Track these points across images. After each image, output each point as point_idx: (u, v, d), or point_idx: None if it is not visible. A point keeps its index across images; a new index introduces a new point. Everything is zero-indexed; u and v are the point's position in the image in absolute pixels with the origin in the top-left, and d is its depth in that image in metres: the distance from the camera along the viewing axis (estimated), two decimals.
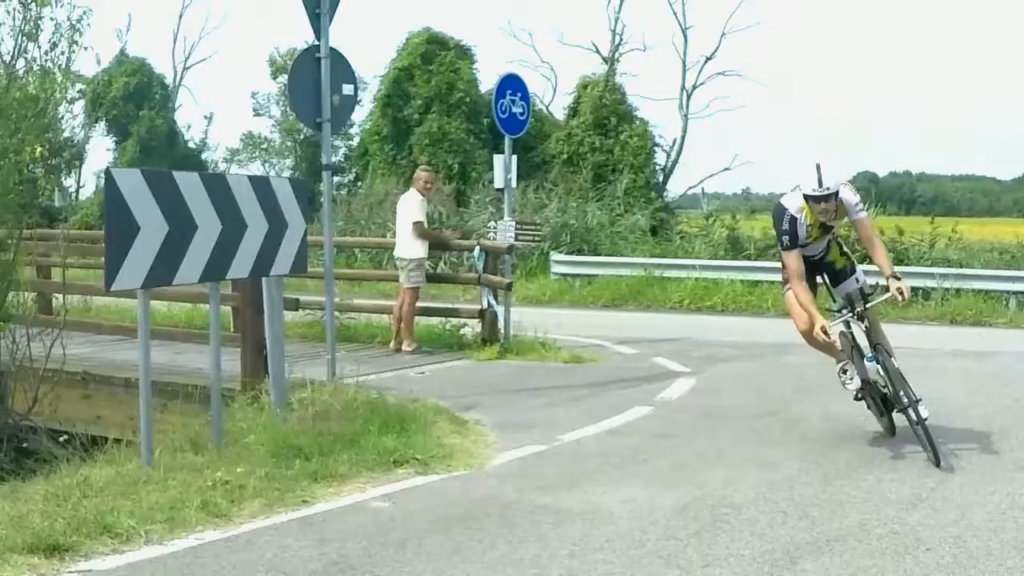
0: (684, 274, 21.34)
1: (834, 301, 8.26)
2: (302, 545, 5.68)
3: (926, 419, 7.67)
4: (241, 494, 6.47)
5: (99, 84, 37.82)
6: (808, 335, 8.02)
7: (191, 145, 41.01)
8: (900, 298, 7.71)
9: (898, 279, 7.77)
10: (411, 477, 7.17)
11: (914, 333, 14.99)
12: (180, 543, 5.70)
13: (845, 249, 8.54)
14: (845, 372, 8.15)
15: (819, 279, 8.45)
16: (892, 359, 7.92)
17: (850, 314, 7.85)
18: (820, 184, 7.52)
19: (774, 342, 13.68)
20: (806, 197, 7.65)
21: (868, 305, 7.86)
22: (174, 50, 42.59)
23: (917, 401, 7.69)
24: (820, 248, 8.20)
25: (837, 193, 7.63)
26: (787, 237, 7.89)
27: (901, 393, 7.75)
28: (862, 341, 8.12)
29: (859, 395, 8.19)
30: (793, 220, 7.86)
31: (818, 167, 7.52)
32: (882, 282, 7.99)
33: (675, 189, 33.76)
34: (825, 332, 7.69)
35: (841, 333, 8.13)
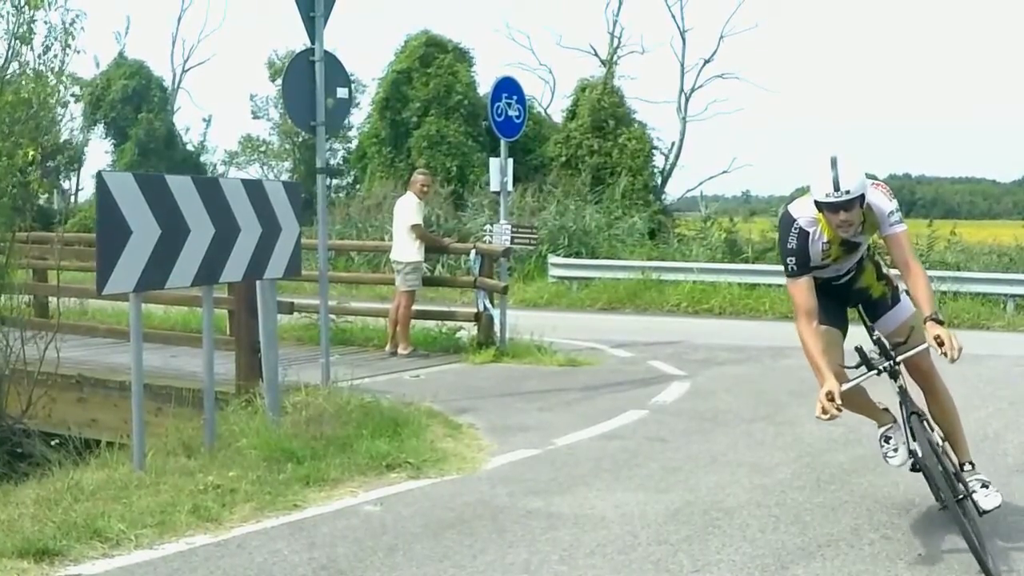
0: (682, 277, 21.31)
1: (873, 344, 5.93)
2: (292, 549, 5.67)
3: (986, 511, 5.83)
4: (232, 498, 6.47)
5: (97, 86, 37.86)
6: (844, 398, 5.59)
7: (190, 148, 41.04)
8: (939, 350, 5.38)
9: (940, 323, 5.45)
10: (403, 481, 7.17)
11: None
12: (170, 547, 5.69)
13: (885, 270, 6.35)
14: (888, 441, 6.22)
15: (852, 310, 6.35)
16: (933, 435, 5.85)
17: (874, 372, 5.66)
18: (836, 186, 5.38)
19: (771, 345, 13.67)
20: (818, 204, 5.53)
21: (898, 360, 5.65)
22: (173, 52, 42.65)
23: (971, 493, 5.75)
24: (845, 268, 6.04)
25: (862, 198, 5.49)
26: (793, 260, 5.73)
27: (941, 487, 5.63)
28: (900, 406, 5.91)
29: (915, 467, 6.10)
30: (803, 235, 5.73)
31: (834, 161, 5.40)
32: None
33: (673, 192, 33.85)
34: (833, 403, 5.37)
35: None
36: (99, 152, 49.99)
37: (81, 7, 10.57)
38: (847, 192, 5.42)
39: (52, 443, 9.00)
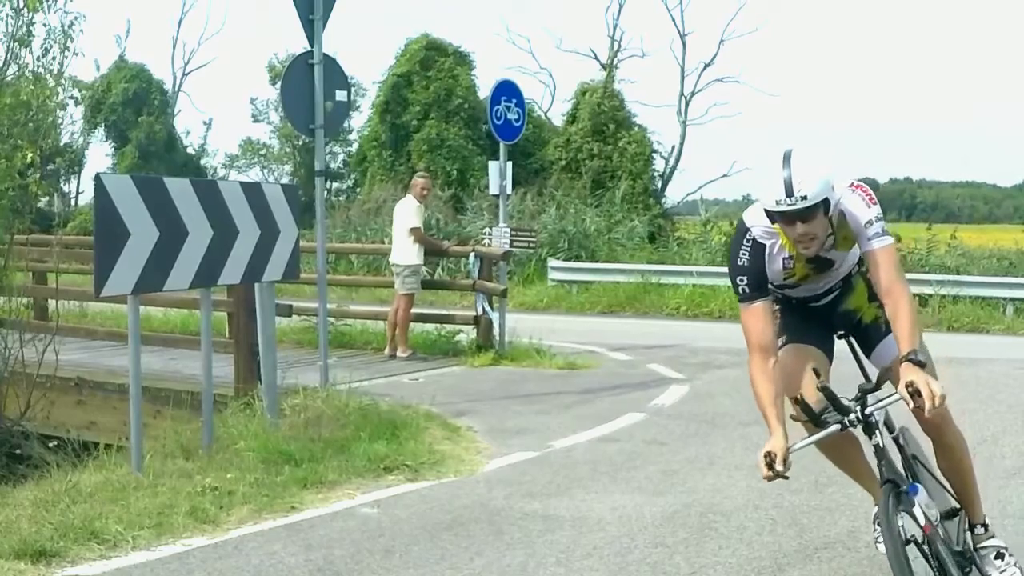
0: (681, 280, 21.33)
1: (867, 380, 4.61)
2: (289, 551, 5.67)
3: None
4: (230, 500, 6.48)
5: (98, 90, 37.90)
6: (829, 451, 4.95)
7: (190, 151, 41.07)
8: (910, 403, 4.11)
9: (920, 364, 4.13)
10: (400, 483, 7.17)
11: None
12: (167, 549, 5.70)
13: None
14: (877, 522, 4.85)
15: (839, 339, 5.06)
16: (924, 511, 4.31)
17: (834, 427, 4.34)
18: (789, 190, 4.14)
19: None
20: (769, 215, 4.33)
21: (868, 411, 4.31)
22: (173, 56, 42.74)
23: (982, 569, 4.82)
24: (823, 286, 4.83)
25: (825, 204, 4.24)
26: (745, 280, 4.51)
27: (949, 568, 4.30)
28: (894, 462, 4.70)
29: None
30: (758, 249, 4.52)
31: (787, 158, 4.18)
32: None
33: (674, 195, 33.85)
34: (772, 467, 4.24)
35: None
36: (99, 155, 50.00)
37: (81, 10, 10.59)
38: (803, 198, 4.12)
39: (50, 445, 9.01)
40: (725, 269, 19.11)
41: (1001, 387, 11.71)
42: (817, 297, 4.89)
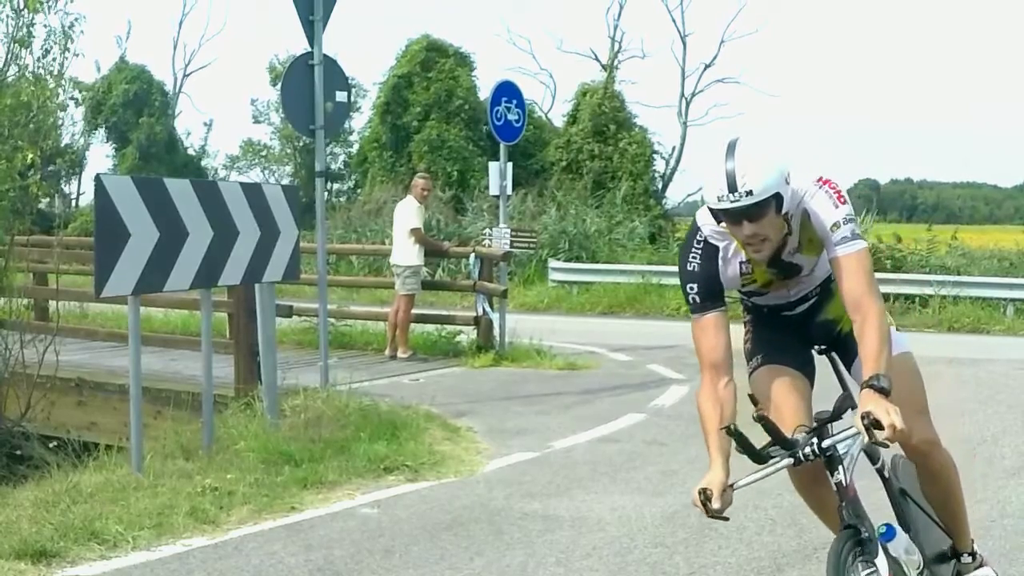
0: None
1: (849, 396, 3.98)
2: (289, 552, 5.68)
3: None
4: (230, 501, 6.48)
5: (99, 91, 37.92)
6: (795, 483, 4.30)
7: (191, 152, 41.10)
8: (866, 437, 3.50)
9: (884, 392, 3.50)
10: (401, 484, 7.18)
11: (910, 340, 14.95)
12: (167, 549, 5.71)
13: None
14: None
15: (820, 354, 4.39)
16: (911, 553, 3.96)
17: (787, 459, 3.71)
18: (732, 184, 3.59)
19: None
20: (713, 213, 3.78)
21: (827, 444, 3.70)
22: (174, 57, 42.81)
23: None
24: (796, 293, 4.21)
25: (778, 201, 3.65)
26: (695, 287, 3.92)
27: None
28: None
29: None
30: (710, 252, 3.95)
31: (731, 148, 3.63)
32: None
33: (674, 196, 33.85)
34: (707, 505, 3.65)
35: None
36: (100, 156, 50.05)
37: (81, 11, 10.60)
38: (748, 193, 3.56)
39: (51, 446, 9.02)
40: None
41: (1001, 387, 11.72)
42: (791, 305, 4.25)
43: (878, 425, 3.40)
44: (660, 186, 32.02)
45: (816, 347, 4.34)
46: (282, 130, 39.65)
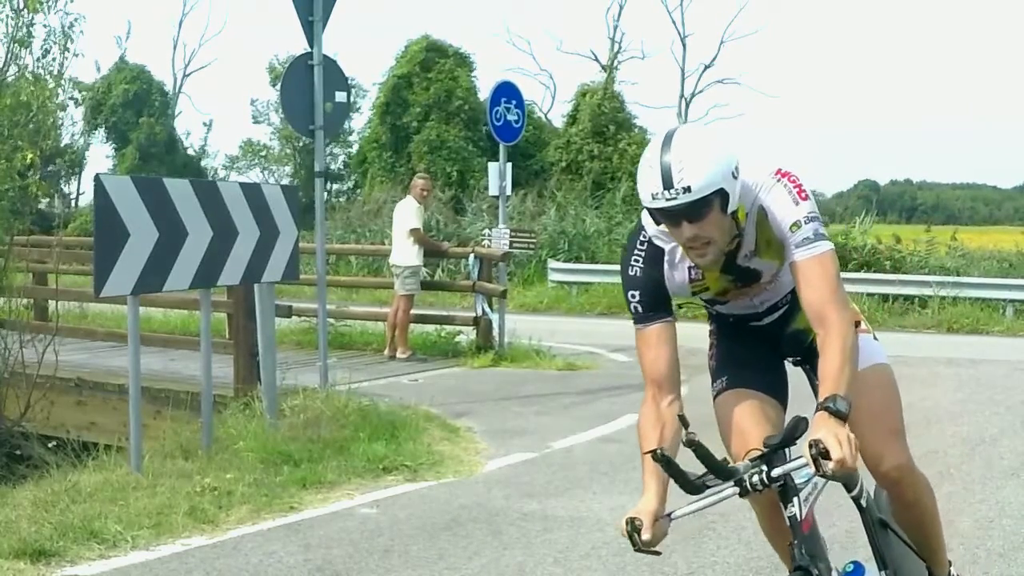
0: None
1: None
2: (288, 551, 5.68)
3: None
4: (229, 500, 6.49)
5: (98, 91, 37.96)
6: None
7: (190, 152, 41.17)
8: (813, 469, 2.97)
9: (840, 416, 2.99)
10: (400, 484, 7.19)
11: (909, 341, 14.99)
12: (166, 549, 5.72)
13: None
14: None
15: (795, 365, 3.90)
16: None
17: (731, 489, 3.17)
18: (668, 180, 3.08)
19: None
20: (651, 214, 3.30)
21: (776, 474, 3.13)
22: (174, 57, 43.04)
23: None
24: (765, 301, 3.71)
25: (723, 197, 3.14)
26: (637, 295, 3.45)
27: None
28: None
29: None
30: (655, 255, 3.46)
31: (668, 140, 3.14)
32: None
33: None
34: (634, 537, 3.15)
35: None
36: (100, 156, 50.13)
37: (81, 11, 10.61)
38: (686, 189, 3.05)
39: (50, 445, 9.02)
40: None
41: (1001, 388, 11.72)
42: (758, 316, 3.76)
43: (828, 455, 2.88)
44: None
45: (789, 359, 3.87)
46: (282, 130, 39.73)
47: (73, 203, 39.40)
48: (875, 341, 3.74)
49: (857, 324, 3.47)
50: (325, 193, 11.85)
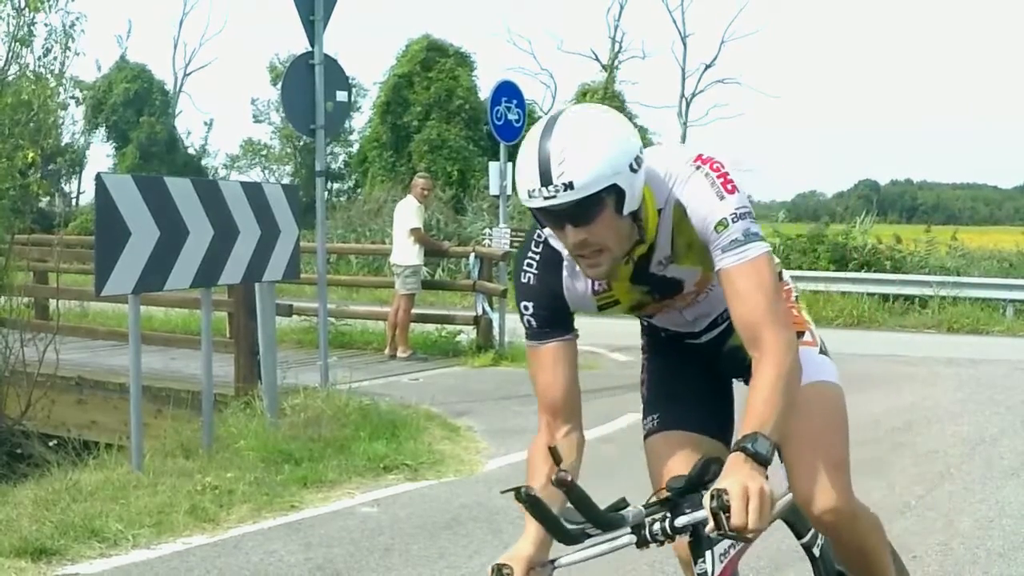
0: None
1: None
2: (288, 550, 5.69)
3: None
4: (230, 499, 6.50)
5: (99, 90, 38.00)
6: None
7: (191, 151, 41.20)
8: (713, 527, 2.31)
9: (760, 460, 2.39)
10: (400, 483, 7.20)
11: (909, 341, 15.03)
12: (167, 547, 5.73)
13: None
14: None
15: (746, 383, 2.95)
16: None
17: (629, 536, 2.60)
18: (546, 176, 2.48)
19: None
20: (534, 215, 2.66)
21: (680, 523, 2.50)
22: (174, 56, 43.00)
23: None
24: (698, 318, 3.13)
25: (617, 195, 2.53)
26: (531, 307, 2.84)
27: None
28: None
29: None
30: (550, 262, 2.83)
31: (549, 126, 2.54)
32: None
33: None
34: None
35: None
36: (100, 155, 50.17)
37: (82, 10, 10.63)
38: (568, 186, 2.46)
39: (51, 444, 9.04)
40: None
41: (1001, 388, 11.73)
42: (695, 333, 3.18)
43: (724, 509, 2.27)
44: None
45: (735, 378, 3.22)
46: (282, 129, 39.77)
47: (73, 202, 39.43)
48: (823, 356, 3.11)
49: (801, 335, 3.00)
50: (326, 192, 11.86)
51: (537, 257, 2.83)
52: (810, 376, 2.84)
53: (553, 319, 2.84)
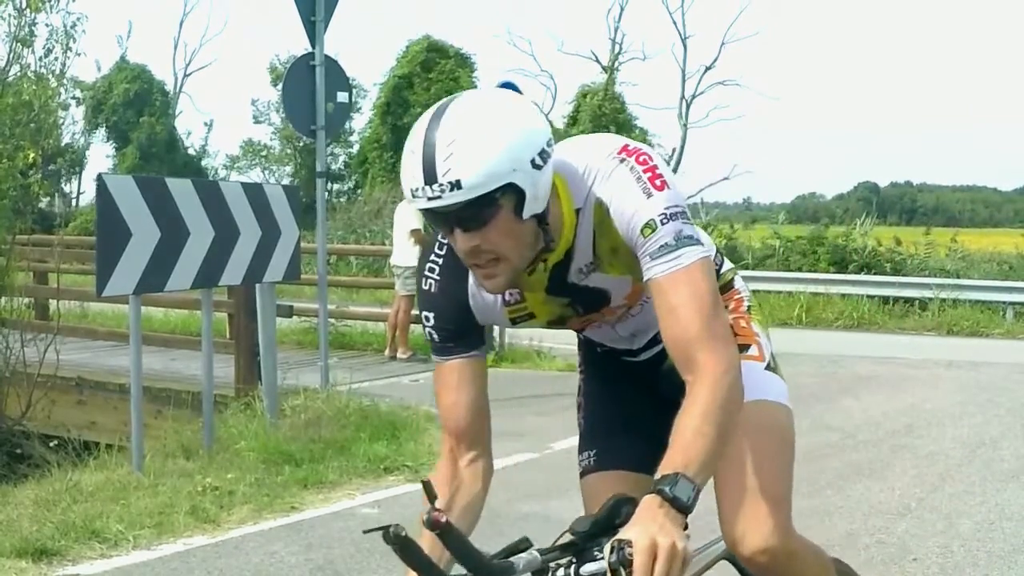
0: None
1: None
2: (289, 551, 5.69)
3: None
4: (230, 500, 6.50)
5: (99, 90, 38.01)
6: None
7: (191, 152, 41.20)
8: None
9: (679, 506, 2.02)
10: (401, 484, 7.20)
11: (909, 343, 15.03)
12: (168, 548, 5.73)
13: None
14: None
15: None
16: None
17: None
18: (430, 173, 2.10)
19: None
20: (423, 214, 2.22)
21: (587, 572, 2.09)
22: (175, 57, 43.01)
23: None
24: (637, 335, 2.74)
25: (518, 196, 2.13)
26: (431, 318, 2.45)
27: None
28: None
29: None
30: (452, 267, 2.41)
31: (439, 112, 2.18)
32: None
33: None
34: None
35: None
36: (100, 156, 50.18)
37: (82, 10, 10.63)
38: (454, 185, 2.09)
39: (51, 445, 9.03)
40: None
41: (1001, 391, 11.73)
42: (633, 351, 2.81)
43: (628, 564, 1.91)
44: None
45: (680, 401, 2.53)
46: (282, 130, 39.76)
47: (73, 202, 39.43)
48: (770, 372, 2.71)
49: (746, 348, 2.64)
50: (326, 193, 11.86)
51: (440, 261, 2.46)
52: (750, 395, 2.39)
53: (458, 333, 2.46)
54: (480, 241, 2.18)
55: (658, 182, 2.26)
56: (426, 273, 2.47)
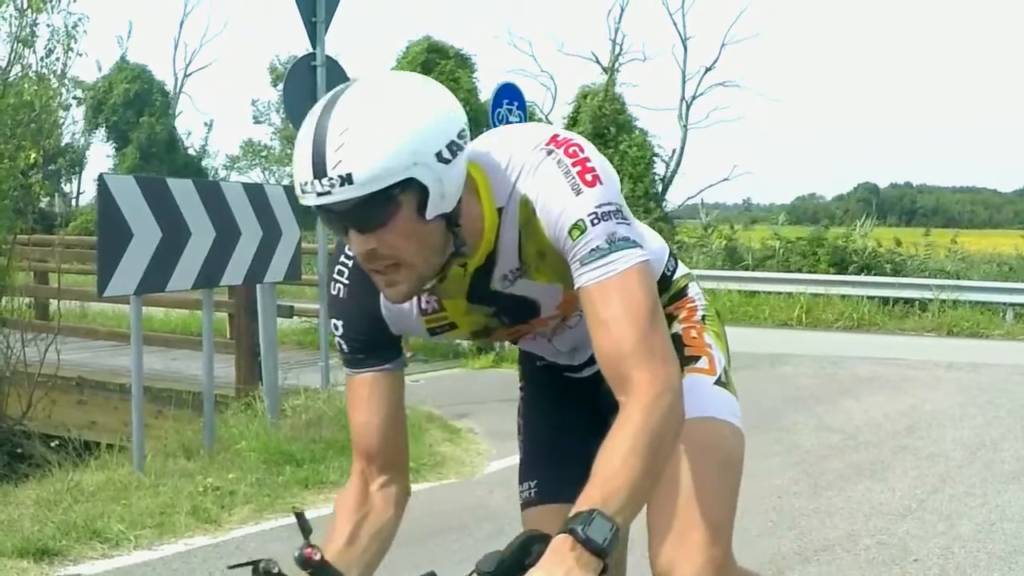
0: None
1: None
2: (290, 551, 5.68)
3: None
4: (231, 500, 6.50)
5: (99, 90, 38.01)
6: None
7: (191, 152, 41.21)
8: None
9: (593, 549, 1.69)
10: None
11: (909, 344, 15.03)
12: (169, 548, 5.73)
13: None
14: None
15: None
16: None
17: None
18: (319, 167, 1.80)
19: (770, 352, 13.67)
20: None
21: None
22: (175, 57, 43.05)
23: None
24: (576, 349, 2.50)
25: (421, 192, 1.84)
26: (341, 327, 2.20)
27: None
28: None
29: None
30: (360, 278, 2.09)
31: (332, 100, 1.84)
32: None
33: (674, 199, 33.96)
34: None
35: None
36: (100, 156, 50.19)
37: (83, 10, 10.64)
38: (344, 179, 1.80)
39: (52, 445, 9.04)
40: (725, 273, 18.92)
41: (1001, 392, 11.73)
42: (575, 366, 2.61)
43: None
44: (660, 188, 32.06)
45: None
46: (283, 130, 39.77)
47: (74, 202, 39.44)
48: (720, 388, 2.44)
49: (695, 360, 2.42)
50: None
51: (350, 263, 2.17)
52: (694, 411, 2.14)
53: (370, 344, 2.20)
54: (377, 244, 1.89)
55: (589, 177, 1.99)
56: (335, 276, 2.20)
